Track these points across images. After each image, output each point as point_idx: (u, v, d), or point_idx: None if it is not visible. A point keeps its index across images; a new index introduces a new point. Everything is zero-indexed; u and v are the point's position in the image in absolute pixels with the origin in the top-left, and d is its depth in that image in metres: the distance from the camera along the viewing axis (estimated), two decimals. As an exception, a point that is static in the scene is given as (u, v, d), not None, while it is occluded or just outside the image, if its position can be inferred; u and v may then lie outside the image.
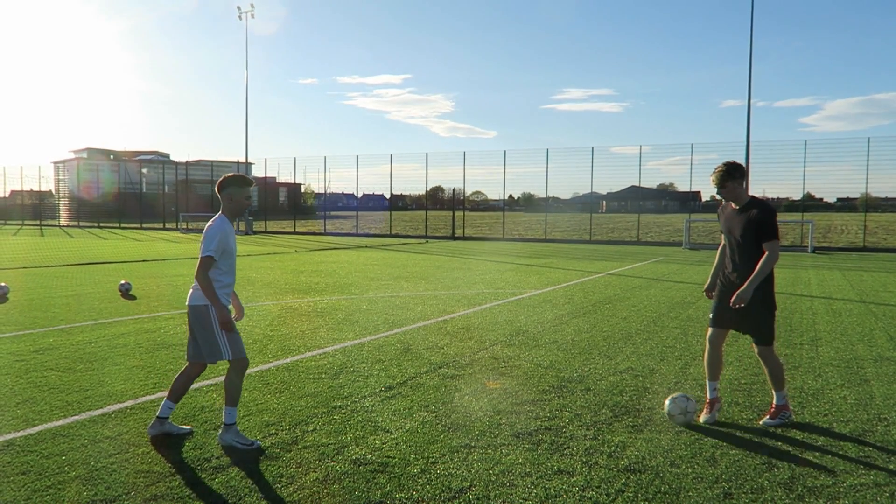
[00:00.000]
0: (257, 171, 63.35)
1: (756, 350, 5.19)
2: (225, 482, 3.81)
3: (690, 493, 3.76)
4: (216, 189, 4.52)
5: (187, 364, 4.65)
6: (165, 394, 5.55)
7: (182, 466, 4.03)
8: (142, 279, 14.49)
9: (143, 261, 19.94)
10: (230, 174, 4.59)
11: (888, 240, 35.39)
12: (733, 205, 5.14)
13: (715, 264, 5.38)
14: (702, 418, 5.04)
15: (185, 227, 48.72)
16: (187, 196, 59.54)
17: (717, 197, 5.23)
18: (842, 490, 3.84)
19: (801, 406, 5.45)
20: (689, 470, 4.10)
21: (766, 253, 4.86)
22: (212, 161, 60.55)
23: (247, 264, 19.13)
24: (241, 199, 4.50)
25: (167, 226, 52.21)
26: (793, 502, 3.67)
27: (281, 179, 69.45)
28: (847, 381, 6.25)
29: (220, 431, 4.47)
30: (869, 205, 38.13)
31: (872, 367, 6.84)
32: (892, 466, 4.19)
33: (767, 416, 5.06)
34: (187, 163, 62.10)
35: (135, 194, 62.80)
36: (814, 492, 3.81)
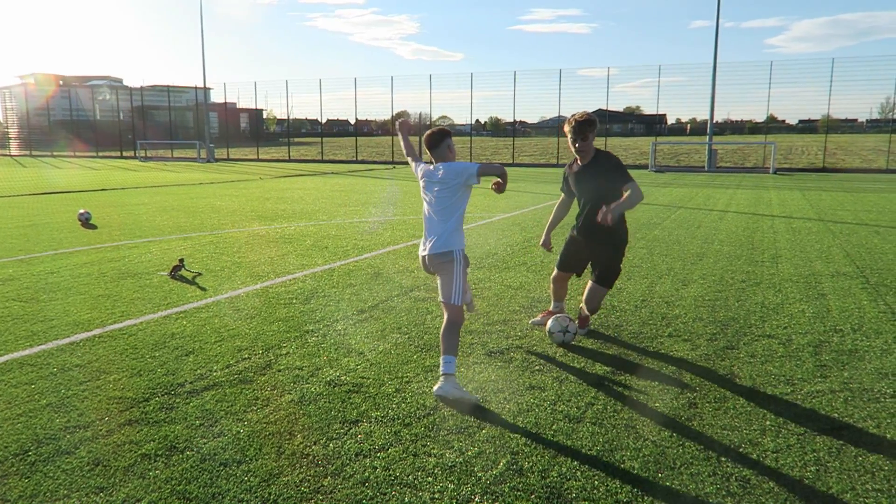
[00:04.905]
0: (216, 97, 61.29)
1: (590, 287, 5.08)
2: (200, 405, 3.82)
3: (657, 404, 3.90)
4: (427, 148, 4.32)
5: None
6: (134, 321, 5.50)
7: (155, 392, 4.02)
8: (102, 208, 14.11)
9: (102, 190, 19.38)
10: (431, 131, 4.33)
11: (846, 160, 36.10)
12: (579, 161, 4.98)
13: (550, 220, 5.47)
14: (545, 321, 5.17)
15: (143, 155, 47.30)
16: (144, 123, 57.52)
17: (572, 149, 4.94)
18: (799, 397, 4.01)
19: (762, 320, 5.63)
20: (655, 382, 4.24)
21: (630, 191, 4.67)
22: (168, 86, 58.31)
23: (210, 192, 18.74)
24: (453, 147, 4.35)
25: (125, 154, 50.62)
26: (753, 409, 3.82)
27: (241, 105, 67.41)
28: (805, 296, 6.46)
29: (438, 384, 3.97)
30: (829, 126, 38.60)
31: (829, 282, 7.07)
32: (846, 374, 4.38)
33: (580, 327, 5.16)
34: (142, 88, 59.68)
35: (88, 122, 60.44)
36: (773, 399, 3.98)
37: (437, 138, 4.31)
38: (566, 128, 4.92)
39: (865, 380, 4.28)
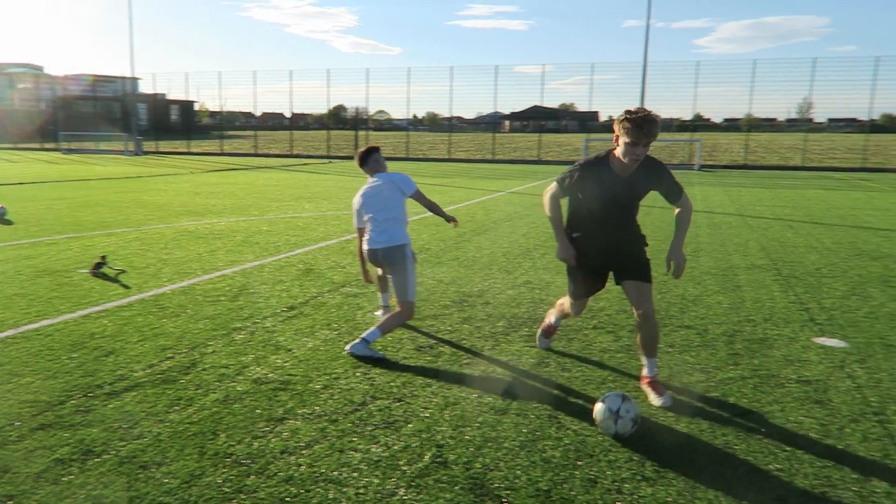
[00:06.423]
0: (145, 87, 59.17)
1: (633, 287, 4.05)
2: (119, 408, 3.72)
3: (580, 394, 4.02)
4: (360, 165, 5.04)
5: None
6: (51, 321, 5.29)
7: (72, 394, 3.89)
8: (18, 203, 13.44)
9: (20, 183, 18.45)
10: (360, 150, 5.04)
11: (766, 158, 37.80)
12: (625, 164, 3.85)
13: (557, 225, 4.19)
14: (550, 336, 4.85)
15: (66, 147, 45.22)
16: (67, 113, 54.95)
17: (629, 155, 3.77)
18: (713, 384, 4.21)
19: (682, 311, 5.87)
20: (579, 373, 4.36)
21: (684, 208, 4.24)
22: (93, 75, 55.88)
23: (138, 186, 18.11)
24: (381, 160, 5.09)
25: (46, 146, 48.25)
26: (670, 397, 3.99)
27: (172, 96, 65.31)
28: (723, 288, 6.76)
29: (354, 341, 4.66)
30: (751, 125, 40.32)
31: (745, 274, 7.42)
32: (756, 361, 4.62)
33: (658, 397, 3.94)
34: (65, 77, 57.00)
35: (6, 111, 57.38)
36: (689, 387, 4.16)
37: (366, 155, 5.04)
38: (624, 127, 3.69)
39: (773, 366, 4.53)
